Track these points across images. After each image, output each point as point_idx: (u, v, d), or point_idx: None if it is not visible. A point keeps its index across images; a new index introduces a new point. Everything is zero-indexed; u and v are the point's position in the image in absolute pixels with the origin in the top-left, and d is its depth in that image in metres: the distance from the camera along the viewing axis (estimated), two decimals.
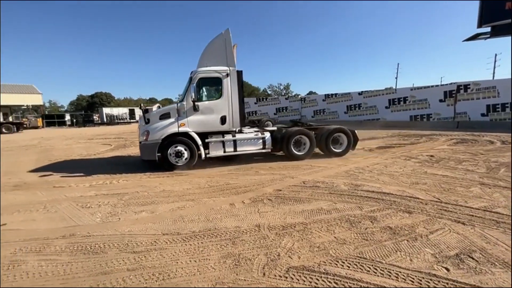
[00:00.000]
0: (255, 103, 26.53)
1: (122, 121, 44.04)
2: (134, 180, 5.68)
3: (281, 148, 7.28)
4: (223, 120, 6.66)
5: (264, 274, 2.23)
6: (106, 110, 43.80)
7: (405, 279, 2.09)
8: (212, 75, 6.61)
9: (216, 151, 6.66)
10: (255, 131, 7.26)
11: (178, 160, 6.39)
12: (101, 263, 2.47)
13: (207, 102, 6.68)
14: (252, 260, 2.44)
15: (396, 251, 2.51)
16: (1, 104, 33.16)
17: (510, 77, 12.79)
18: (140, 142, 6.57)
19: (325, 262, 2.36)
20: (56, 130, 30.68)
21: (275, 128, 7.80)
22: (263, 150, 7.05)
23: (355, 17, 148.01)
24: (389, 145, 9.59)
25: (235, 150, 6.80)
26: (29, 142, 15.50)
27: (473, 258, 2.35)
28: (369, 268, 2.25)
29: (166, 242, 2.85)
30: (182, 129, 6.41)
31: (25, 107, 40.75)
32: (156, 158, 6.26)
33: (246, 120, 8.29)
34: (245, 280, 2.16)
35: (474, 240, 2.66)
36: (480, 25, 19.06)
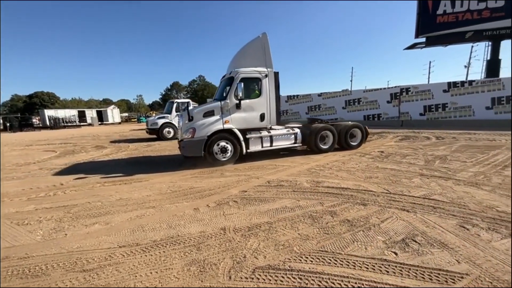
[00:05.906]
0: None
1: (70, 124, 39.77)
2: (85, 189, 5.12)
3: (308, 142, 7.89)
4: (262, 117, 7.17)
5: (230, 277, 2.19)
6: (49, 112, 39.03)
7: (361, 267, 2.26)
8: (253, 75, 7.06)
9: (255, 147, 7.13)
10: (286, 128, 7.89)
11: (223, 155, 6.78)
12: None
13: (248, 100, 7.06)
14: (217, 264, 2.39)
15: (354, 242, 2.70)
16: None
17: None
18: (181, 140, 6.83)
19: (289, 259, 2.42)
20: None
21: (301, 125, 8.44)
22: (295, 145, 7.69)
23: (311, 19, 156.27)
24: None
25: (271, 145, 7.32)
26: None
27: (416, 241, 2.65)
28: (330, 260, 2.38)
29: (123, 255, 2.62)
30: (226, 126, 6.78)
31: None
32: (202, 154, 6.59)
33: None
34: (210, 286, 2.10)
35: (417, 225, 3.01)
36: (417, 35, 21.93)
